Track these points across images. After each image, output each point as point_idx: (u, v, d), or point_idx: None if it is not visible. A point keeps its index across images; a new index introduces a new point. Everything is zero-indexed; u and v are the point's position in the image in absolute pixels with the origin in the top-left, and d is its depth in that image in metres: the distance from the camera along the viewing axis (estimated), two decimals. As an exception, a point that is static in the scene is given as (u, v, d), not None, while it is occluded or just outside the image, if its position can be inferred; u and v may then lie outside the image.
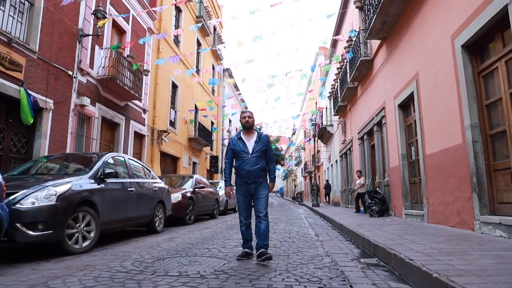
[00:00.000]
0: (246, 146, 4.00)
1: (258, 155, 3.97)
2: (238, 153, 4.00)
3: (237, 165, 4.01)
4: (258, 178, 3.99)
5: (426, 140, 7.02)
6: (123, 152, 11.83)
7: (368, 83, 11.91)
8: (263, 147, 4.02)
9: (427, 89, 6.90)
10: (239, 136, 4.07)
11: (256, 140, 4.02)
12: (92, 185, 4.67)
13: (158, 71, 14.86)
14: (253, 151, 3.97)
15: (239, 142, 4.03)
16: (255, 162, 3.93)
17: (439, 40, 6.29)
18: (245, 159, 3.95)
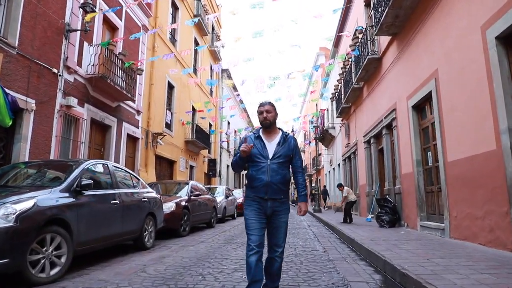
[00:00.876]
0: (265, 148, 2.93)
1: (281, 161, 2.90)
2: (253, 157, 2.90)
3: (251, 174, 2.91)
4: (278, 194, 2.87)
5: (448, 146, 6.30)
6: (115, 157, 11.10)
7: (375, 83, 11.19)
8: (288, 152, 2.96)
9: (449, 89, 6.18)
10: (257, 134, 3.02)
11: (280, 141, 2.97)
12: (64, 200, 3.92)
13: (153, 71, 14.12)
14: (274, 155, 2.90)
15: (256, 142, 2.97)
16: (276, 170, 2.86)
17: (464, 33, 5.58)
18: (263, 165, 2.86)
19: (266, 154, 2.90)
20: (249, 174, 2.94)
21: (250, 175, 2.93)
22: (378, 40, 10.67)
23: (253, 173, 2.90)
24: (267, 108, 3.00)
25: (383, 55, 10.29)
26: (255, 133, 3.05)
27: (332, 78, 19.61)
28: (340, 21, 15.96)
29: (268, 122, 2.98)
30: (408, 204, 8.56)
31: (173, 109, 16.72)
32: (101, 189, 4.84)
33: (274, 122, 3.04)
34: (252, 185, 2.91)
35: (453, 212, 6.15)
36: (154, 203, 6.36)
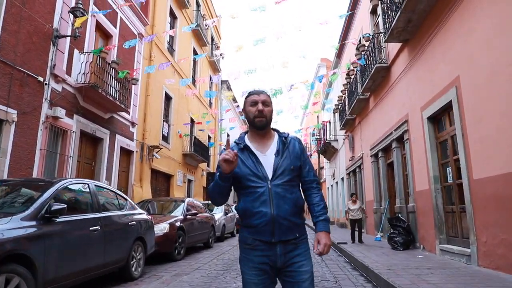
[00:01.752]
0: (259, 164, 1.89)
1: (287, 180, 1.88)
2: (243, 180, 1.88)
3: (244, 207, 1.89)
4: (292, 232, 1.86)
5: (473, 161, 5.62)
6: (107, 171, 10.41)
7: (384, 93, 10.57)
8: (294, 162, 1.93)
9: (474, 97, 5.54)
10: (242, 144, 1.95)
11: (278, 149, 1.94)
12: (27, 230, 3.22)
13: (150, 81, 13.53)
14: (275, 172, 1.87)
15: (243, 156, 1.92)
16: (282, 196, 1.84)
17: (493, 34, 4.96)
18: (261, 191, 1.84)
19: (263, 172, 1.86)
20: (242, 208, 1.89)
21: (243, 208, 1.89)
22: (386, 48, 10.09)
23: (247, 206, 1.86)
24: (263, 98, 1.95)
25: (392, 64, 9.69)
26: (239, 142, 1.97)
27: (334, 89, 19.04)
28: (344, 29, 15.44)
29: (265, 120, 1.92)
30: (424, 224, 7.84)
31: (170, 121, 16.09)
32: (78, 214, 4.14)
33: (270, 122, 1.99)
34: (248, 223, 1.87)
35: (481, 236, 5.43)
36: (144, 226, 5.64)
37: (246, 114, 1.98)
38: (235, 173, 1.86)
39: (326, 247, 1.88)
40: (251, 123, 1.96)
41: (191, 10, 19.25)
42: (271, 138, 2.01)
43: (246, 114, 1.98)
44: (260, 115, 1.92)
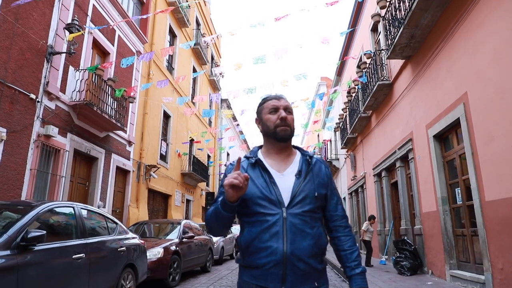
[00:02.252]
0: (273, 186, 1.48)
1: (308, 210, 1.46)
2: (251, 203, 1.46)
3: (248, 239, 1.46)
4: (309, 280, 1.43)
5: (485, 182, 5.30)
6: (102, 191, 10.06)
7: (386, 111, 10.33)
8: (319, 188, 1.53)
9: (484, 114, 5.26)
10: (254, 158, 1.56)
11: (301, 168, 1.54)
12: None
13: (148, 99, 13.33)
14: (294, 198, 1.46)
15: (254, 173, 1.52)
16: (301, 230, 1.43)
17: (503, 47, 4.72)
18: (273, 220, 1.42)
19: (277, 196, 1.44)
20: (245, 241, 1.46)
21: (246, 242, 1.45)
22: (388, 65, 9.92)
23: (252, 238, 1.43)
24: (285, 103, 1.59)
25: (394, 81, 9.48)
26: (250, 156, 1.58)
27: (335, 107, 18.87)
28: (344, 47, 15.36)
29: (289, 130, 1.55)
30: (432, 248, 7.44)
31: (169, 140, 15.82)
32: (61, 240, 3.79)
33: (293, 133, 1.60)
34: (252, 263, 1.44)
35: (497, 263, 5.06)
36: (135, 252, 5.27)
37: (263, 123, 1.60)
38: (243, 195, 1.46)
39: None
40: (271, 134, 1.56)
41: (191, 29, 19.28)
42: (291, 155, 1.60)
43: (264, 124, 1.59)
44: (283, 124, 1.54)
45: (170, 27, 16.22)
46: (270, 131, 1.56)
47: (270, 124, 1.56)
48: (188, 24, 17.71)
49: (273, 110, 1.58)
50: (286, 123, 1.55)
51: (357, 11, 13.09)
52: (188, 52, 18.78)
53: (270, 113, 1.58)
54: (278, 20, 8.02)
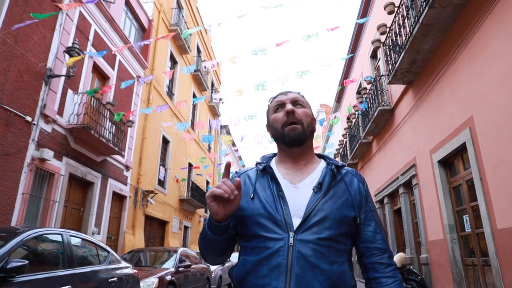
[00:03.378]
0: (281, 200, 1.13)
1: (328, 235, 1.08)
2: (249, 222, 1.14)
3: (240, 272, 1.12)
4: None
5: (496, 208, 5.08)
6: (96, 217, 9.76)
7: (388, 136, 10.20)
8: (348, 210, 1.14)
9: (492, 138, 5.11)
10: (264, 164, 1.23)
11: (323, 180, 1.17)
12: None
13: (147, 124, 13.23)
14: (309, 218, 1.09)
15: (260, 184, 1.19)
16: (313, 264, 1.05)
17: (511, 72, 4.63)
18: (275, 247, 1.07)
19: (284, 214, 1.11)
20: (237, 273, 1.15)
21: (239, 274, 1.14)
22: (389, 90, 9.87)
23: (247, 270, 1.11)
24: (292, 96, 1.27)
25: (396, 106, 9.40)
26: (260, 162, 1.27)
27: (335, 133, 18.78)
28: (344, 73, 15.43)
29: (300, 128, 1.21)
30: (440, 278, 7.10)
31: (167, 165, 15.61)
32: (46, 271, 3.52)
33: (311, 133, 1.25)
34: None
35: (512, 295, 4.76)
36: (127, 283, 4.96)
37: (271, 126, 1.28)
38: (239, 210, 1.14)
39: None
40: (279, 138, 1.24)
41: (192, 55, 19.49)
42: (312, 163, 1.25)
43: (272, 126, 1.27)
44: (291, 120, 1.20)
45: (171, 53, 16.37)
46: (278, 133, 1.23)
47: (277, 125, 1.23)
48: (189, 51, 17.90)
49: (279, 107, 1.25)
50: (296, 118, 1.20)
51: (356, 37, 13.22)
52: (188, 78, 18.90)
53: (276, 111, 1.26)
54: (279, 46, 8.01)
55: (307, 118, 1.23)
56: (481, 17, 5.27)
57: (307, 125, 1.22)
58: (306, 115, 1.23)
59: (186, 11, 18.46)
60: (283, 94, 1.29)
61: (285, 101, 1.24)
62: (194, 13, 19.90)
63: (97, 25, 9.99)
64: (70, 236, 4.12)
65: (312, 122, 1.25)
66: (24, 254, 3.31)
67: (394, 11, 7.41)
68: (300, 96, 1.29)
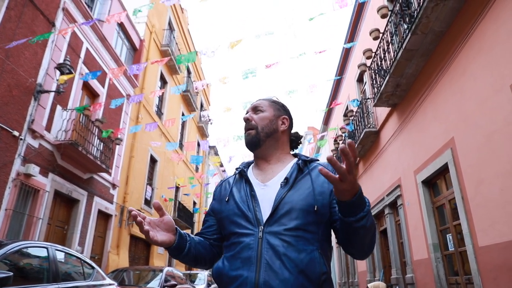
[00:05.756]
0: (253, 199, 1.22)
1: (295, 226, 1.14)
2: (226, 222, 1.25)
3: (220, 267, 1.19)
4: None
5: (477, 227, 5.21)
6: (81, 236, 9.57)
7: (373, 158, 10.41)
8: (317, 199, 1.17)
9: (472, 159, 5.30)
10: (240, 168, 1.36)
11: (290, 175, 1.23)
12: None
13: (135, 143, 13.20)
14: (275, 212, 1.16)
15: (237, 186, 1.31)
16: (280, 252, 1.10)
17: (488, 94, 4.87)
18: (246, 242, 1.16)
19: (255, 212, 1.19)
20: (216, 269, 1.21)
21: (218, 270, 1.20)
22: (374, 113, 10.14)
23: (224, 265, 1.18)
24: (255, 104, 1.38)
25: (381, 128, 9.64)
26: (239, 168, 1.36)
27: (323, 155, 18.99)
28: (331, 96, 15.79)
29: (253, 133, 1.31)
30: (425, 298, 7.14)
31: (154, 185, 15.48)
32: (31, 284, 3.47)
33: (269, 134, 1.31)
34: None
35: (495, 313, 4.83)
36: (112, 299, 4.88)
37: None
38: (218, 213, 1.28)
39: None
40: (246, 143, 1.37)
41: (182, 76, 19.71)
42: (283, 161, 1.32)
43: None
44: (246, 127, 1.32)
45: (161, 73, 16.54)
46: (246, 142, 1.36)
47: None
48: (179, 71, 18.11)
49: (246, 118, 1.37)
50: (250, 125, 1.31)
51: (343, 61, 13.62)
52: (178, 98, 19.05)
53: None
54: (268, 68, 8.23)
55: (262, 121, 1.31)
56: (460, 43, 5.56)
57: (261, 128, 1.30)
58: (262, 119, 1.32)
59: (178, 32, 18.79)
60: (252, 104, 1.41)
61: (248, 111, 1.38)
62: (185, 35, 20.26)
63: (89, 43, 10.12)
64: (56, 250, 4.07)
65: (270, 123, 1.32)
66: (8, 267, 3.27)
67: (379, 37, 7.73)
68: (266, 101, 1.38)
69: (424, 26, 5.85)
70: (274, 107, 1.38)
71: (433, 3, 5.39)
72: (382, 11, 7.21)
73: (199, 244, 1.29)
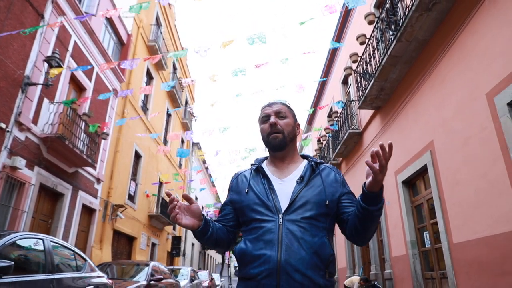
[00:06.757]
0: (271, 192, 1.44)
1: (309, 215, 1.37)
2: (247, 210, 1.44)
3: (241, 249, 1.40)
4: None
5: (452, 225, 5.56)
6: (64, 230, 9.54)
7: (356, 158, 10.75)
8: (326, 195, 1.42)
9: (450, 162, 5.64)
10: (257, 164, 1.56)
11: (304, 175, 1.47)
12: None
13: (121, 137, 13.16)
14: (294, 203, 1.39)
15: (254, 181, 1.51)
16: (298, 236, 1.33)
17: (466, 101, 5.20)
18: (268, 227, 1.36)
19: (274, 202, 1.40)
20: (239, 250, 1.40)
21: (240, 251, 1.40)
22: (358, 115, 10.47)
23: (247, 246, 1.38)
24: (276, 108, 1.53)
25: (364, 129, 9.98)
26: (253, 163, 1.59)
27: (306, 154, 19.32)
28: (316, 97, 16.10)
29: (281, 136, 1.48)
30: (402, 293, 7.50)
31: (138, 180, 15.46)
32: (29, 274, 3.56)
33: (292, 139, 1.53)
34: (246, 273, 1.36)
35: (466, 305, 5.18)
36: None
37: (261, 134, 1.57)
38: (238, 203, 1.48)
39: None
40: (266, 144, 1.54)
41: (168, 72, 19.67)
42: (295, 162, 1.55)
43: (261, 135, 1.57)
44: (273, 130, 1.48)
45: (147, 69, 16.49)
46: (265, 140, 1.53)
47: (264, 134, 1.53)
48: (165, 67, 18.08)
49: (265, 119, 1.53)
50: (277, 129, 1.48)
51: (329, 63, 13.93)
52: (163, 94, 19.02)
53: (263, 122, 1.54)
54: (258, 67, 8.40)
55: (287, 127, 1.51)
56: (441, 53, 5.89)
57: (287, 133, 1.50)
58: (287, 125, 1.51)
59: (165, 28, 18.74)
60: (269, 106, 1.56)
61: (270, 113, 1.52)
62: (172, 31, 20.21)
63: (77, 37, 10.06)
64: (51, 242, 4.16)
65: (292, 129, 1.53)
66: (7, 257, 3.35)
67: (366, 42, 8.03)
68: (284, 106, 1.56)
69: (408, 34, 6.15)
70: (292, 113, 1.58)
71: (418, 13, 5.68)
72: (369, 17, 7.50)
73: (220, 230, 1.51)
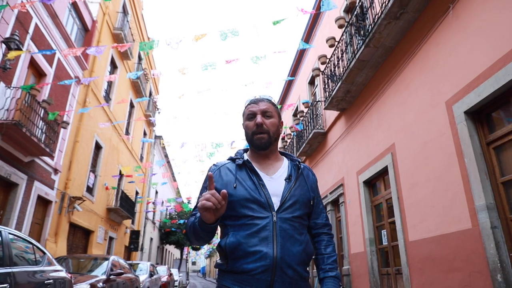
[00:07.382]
0: (263, 188, 1.45)
1: (298, 215, 1.46)
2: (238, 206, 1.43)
3: (234, 243, 1.39)
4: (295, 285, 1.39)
5: (409, 224, 5.90)
6: (17, 222, 9.06)
7: (320, 157, 11.05)
8: (308, 195, 1.53)
9: (410, 164, 5.97)
10: (242, 159, 1.54)
11: (291, 173, 1.54)
12: None
13: (81, 127, 12.66)
14: (285, 201, 1.45)
15: (241, 175, 1.50)
16: (290, 234, 1.41)
17: (426, 108, 5.52)
18: (262, 224, 1.39)
19: (267, 198, 1.42)
20: (231, 244, 1.39)
21: (232, 244, 1.39)
22: (323, 115, 10.76)
23: (239, 241, 1.38)
24: (263, 107, 1.53)
25: (329, 130, 10.28)
26: (236, 157, 1.56)
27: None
28: (282, 95, 16.32)
29: (266, 137, 1.50)
30: (359, 287, 7.84)
31: (97, 172, 14.94)
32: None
33: (276, 139, 1.56)
34: (238, 267, 1.38)
35: (418, 299, 5.52)
36: (62, 286, 4.82)
37: (244, 130, 1.58)
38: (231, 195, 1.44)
39: None
40: (250, 142, 1.55)
41: (133, 62, 19.12)
42: (278, 160, 1.59)
43: (245, 131, 1.58)
44: (259, 131, 1.50)
45: (112, 58, 15.95)
46: (249, 138, 1.53)
47: (248, 132, 1.53)
48: (130, 57, 17.57)
49: (251, 116, 1.53)
50: (263, 130, 1.49)
51: (297, 62, 14.16)
52: (127, 84, 18.49)
53: (249, 119, 1.54)
54: (229, 63, 8.41)
55: (273, 128, 1.52)
56: (406, 60, 6.20)
57: (272, 134, 1.52)
58: (273, 125, 1.52)
59: (131, 16, 18.19)
60: (255, 103, 1.54)
61: (257, 112, 1.51)
62: (139, 20, 19.65)
63: (39, 19, 9.55)
64: (9, 233, 3.96)
65: (277, 129, 1.55)
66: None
67: (335, 45, 8.26)
68: (271, 105, 1.56)
69: (376, 41, 6.42)
70: (278, 112, 1.60)
71: (386, 20, 5.95)
72: (340, 21, 7.73)
73: None
